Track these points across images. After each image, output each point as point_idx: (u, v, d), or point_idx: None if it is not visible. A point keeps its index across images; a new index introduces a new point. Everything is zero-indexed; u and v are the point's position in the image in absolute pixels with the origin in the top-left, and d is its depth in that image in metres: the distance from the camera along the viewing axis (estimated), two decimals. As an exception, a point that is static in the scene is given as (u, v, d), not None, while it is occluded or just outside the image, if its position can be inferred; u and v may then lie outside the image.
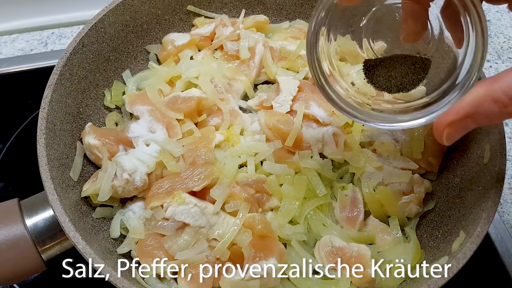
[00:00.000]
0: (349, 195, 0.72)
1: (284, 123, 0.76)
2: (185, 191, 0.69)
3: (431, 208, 0.75)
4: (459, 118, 0.47)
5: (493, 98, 0.44)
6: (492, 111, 0.44)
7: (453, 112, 0.47)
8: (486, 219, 0.60)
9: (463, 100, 0.47)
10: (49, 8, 1.23)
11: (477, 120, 0.46)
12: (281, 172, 0.73)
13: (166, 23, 0.94)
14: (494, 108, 0.44)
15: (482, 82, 0.46)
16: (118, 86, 0.87)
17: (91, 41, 0.81)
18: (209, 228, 0.67)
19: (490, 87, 0.44)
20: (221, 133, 0.78)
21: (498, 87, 0.44)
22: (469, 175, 0.71)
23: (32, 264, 0.67)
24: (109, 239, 0.71)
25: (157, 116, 0.77)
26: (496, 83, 0.44)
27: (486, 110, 0.45)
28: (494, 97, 0.44)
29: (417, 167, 0.76)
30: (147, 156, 0.72)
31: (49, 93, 0.72)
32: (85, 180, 0.74)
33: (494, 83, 0.44)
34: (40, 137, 0.68)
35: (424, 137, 0.76)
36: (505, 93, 0.43)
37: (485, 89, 0.45)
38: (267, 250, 0.65)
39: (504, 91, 0.43)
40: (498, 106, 0.44)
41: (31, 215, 0.68)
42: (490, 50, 1.18)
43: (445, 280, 0.57)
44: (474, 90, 0.46)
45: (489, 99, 0.44)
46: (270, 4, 0.98)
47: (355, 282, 0.65)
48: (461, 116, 0.46)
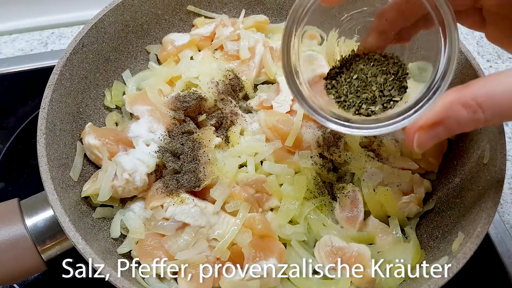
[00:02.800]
0: (349, 195, 0.72)
1: (284, 123, 0.76)
2: (185, 191, 0.69)
3: (431, 208, 0.75)
4: (430, 124, 0.47)
5: (463, 103, 0.44)
6: (462, 117, 0.44)
7: (424, 118, 0.47)
8: (486, 219, 0.60)
9: (434, 106, 0.47)
10: (49, 8, 1.23)
11: (448, 126, 0.46)
12: (281, 172, 0.73)
13: (166, 23, 0.94)
14: (464, 113, 0.44)
15: (453, 88, 0.46)
16: (118, 86, 0.87)
17: (91, 41, 0.81)
18: (209, 228, 0.67)
19: (460, 93, 0.45)
20: (221, 133, 0.78)
21: (467, 92, 0.44)
22: (469, 175, 0.71)
23: (32, 264, 0.67)
24: (109, 239, 0.71)
25: (157, 116, 0.77)
26: (466, 89, 0.44)
27: (456, 115, 0.44)
28: (463, 103, 0.44)
29: (417, 167, 0.76)
30: (147, 156, 0.72)
31: (49, 93, 0.72)
32: (85, 180, 0.74)
33: (464, 89, 0.44)
34: (40, 137, 0.68)
35: (424, 137, 0.76)
36: (474, 99, 0.43)
37: (455, 95, 0.45)
38: (267, 250, 0.65)
39: (473, 97, 0.43)
40: (467, 112, 0.44)
41: (31, 215, 0.68)
42: (490, 50, 1.18)
43: (445, 280, 0.57)
44: (445, 96, 0.46)
45: (458, 104, 0.44)
46: (270, 4, 0.98)
47: (355, 282, 0.65)
48: (431, 121, 0.46)
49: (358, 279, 0.65)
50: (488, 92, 0.43)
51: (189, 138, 0.75)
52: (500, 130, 0.67)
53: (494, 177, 0.64)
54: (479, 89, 0.44)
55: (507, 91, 0.42)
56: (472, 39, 1.20)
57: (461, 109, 0.44)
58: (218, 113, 0.81)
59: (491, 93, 0.43)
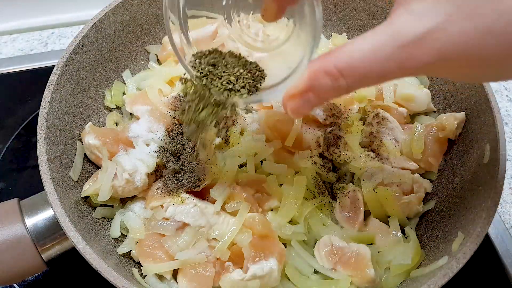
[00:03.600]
0: (349, 195, 0.72)
1: (284, 123, 0.76)
2: (185, 191, 0.69)
3: (431, 208, 0.75)
4: (299, 92, 0.47)
5: (325, 71, 0.44)
6: (326, 84, 0.44)
7: (294, 87, 0.48)
8: (486, 219, 0.60)
9: (303, 74, 0.47)
10: (49, 8, 1.23)
11: (318, 94, 0.46)
12: (281, 172, 0.73)
13: (166, 23, 0.94)
14: (327, 81, 0.44)
15: (320, 55, 0.46)
16: (118, 86, 0.87)
17: (91, 41, 0.81)
18: (209, 228, 0.67)
19: (323, 60, 0.44)
20: (221, 134, 0.78)
21: (330, 60, 0.44)
22: (469, 175, 0.71)
23: (32, 264, 0.67)
24: (109, 239, 0.71)
25: (157, 116, 0.77)
26: (329, 56, 0.44)
27: (321, 83, 0.45)
28: (326, 70, 0.44)
29: (417, 167, 0.76)
30: (147, 156, 0.72)
31: (49, 93, 0.72)
32: (85, 180, 0.74)
33: (327, 56, 0.44)
34: (40, 137, 0.68)
35: (424, 137, 0.76)
36: (336, 66, 0.43)
37: (320, 63, 0.45)
38: (267, 250, 0.65)
39: (335, 64, 0.43)
40: (330, 80, 0.44)
41: (31, 215, 0.68)
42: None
43: (445, 280, 0.57)
44: (312, 63, 0.46)
45: (322, 72, 0.44)
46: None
47: (355, 282, 0.65)
48: (300, 89, 0.47)
49: (358, 279, 0.65)
50: (348, 58, 0.43)
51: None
52: (500, 130, 0.67)
53: (494, 177, 0.64)
54: (340, 55, 0.44)
55: (366, 56, 0.42)
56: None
57: (324, 77, 0.44)
58: (218, 113, 0.81)
59: (350, 60, 0.43)
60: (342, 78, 0.43)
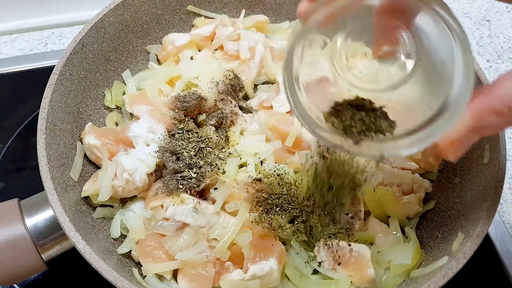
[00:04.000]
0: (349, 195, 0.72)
1: (284, 123, 0.76)
2: (185, 191, 0.69)
3: (431, 208, 0.75)
4: (463, 135, 0.47)
5: (494, 110, 0.44)
6: (495, 123, 0.45)
7: (456, 130, 0.47)
8: (486, 219, 0.60)
9: (464, 116, 0.47)
10: (49, 8, 1.23)
11: (482, 133, 0.47)
12: (281, 172, 0.73)
13: (166, 23, 0.94)
14: (495, 119, 0.45)
15: (478, 94, 0.46)
16: (118, 86, 0.87)
17: (91, 41, 0.81)
18: (209, 228, 0.67)
19: (487, 99, 0.45)
20: (221, 133, 0.78)
21: (496, 98, 0.44)
22: (469, 175, 0.71)
23: (32, 264, 0.67)
24: (109, 239, 0.71)
25: (157, 116, 0.77)
26: (492, 94, 0.45)
27: (487, 122, 0.45)
28: (495, 109, 0.44)
29: (417, 167, 0.76)
30: (147, 156, 0.72)
31: (49, 93, 0.72)
32: (85, 180, 0.74)
33: (490, 94, 0.45)
34: (40, 137, 0.68)
35: (424, 137, 0.76)
36: (505, 104, 0.44)
37: (483, 102, 0.45)
38: (267, 250, 0.65)
39: (503, 103, 0.44)
40: (498, 117, 0.44)
41: (31, 215, 0.68)
42: (490, 50, 1.18)
43: (445, 280, 0.57)
44: (472, 104, 0.46)
45: (489, 111, 0.45)
46: (270, 4, 0.98)
47: (355, 282, 0.65)
48: (463, 132, 0.47)
49: (358, 279, 0.65)
50: None
51: (189, 138, 0.75)
52: (500, 130, 0.67)
53: (494, 177, 0.64)
54: (507, 92, 0.44)
55: None
56: (472, 39, 1.20)
57: (493, 117, 0.45)
58: (218, 113, 0.81)
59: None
60: (510, 114, 0.44)
